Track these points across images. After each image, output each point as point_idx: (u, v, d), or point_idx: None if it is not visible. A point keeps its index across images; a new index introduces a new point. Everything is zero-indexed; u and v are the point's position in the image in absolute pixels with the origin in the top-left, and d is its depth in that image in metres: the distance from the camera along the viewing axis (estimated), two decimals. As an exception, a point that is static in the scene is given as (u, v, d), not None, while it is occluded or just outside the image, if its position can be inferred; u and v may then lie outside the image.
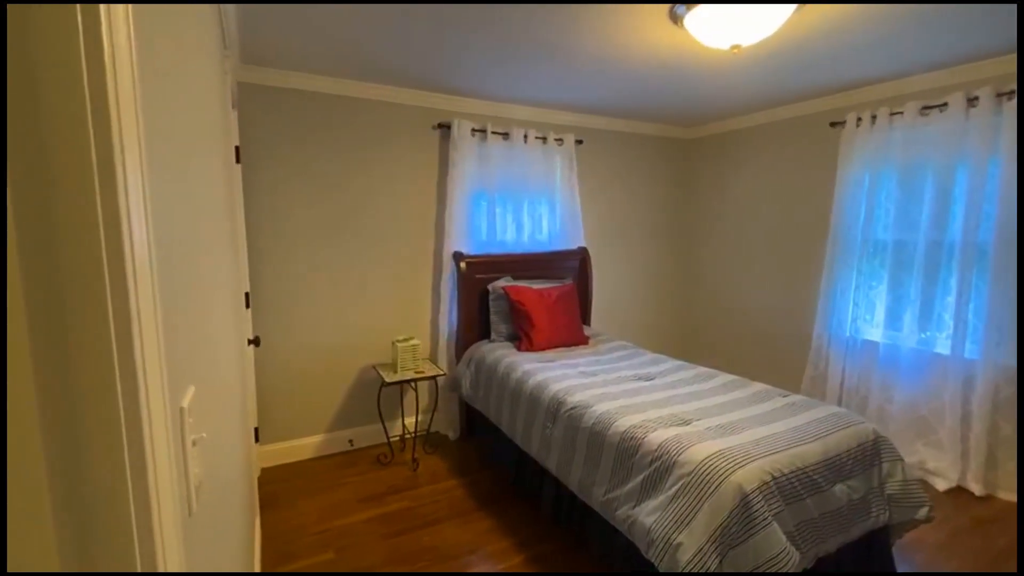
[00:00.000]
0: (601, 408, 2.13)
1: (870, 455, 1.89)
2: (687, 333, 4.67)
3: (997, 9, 2.06)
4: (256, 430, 2.86)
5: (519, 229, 3.67)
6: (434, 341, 3.47)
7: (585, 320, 3.80)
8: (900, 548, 2.14)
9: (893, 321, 3.12)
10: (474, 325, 3.37)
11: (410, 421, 3.41)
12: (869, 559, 1.90)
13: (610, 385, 2.43)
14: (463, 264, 3.30)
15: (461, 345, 3.35)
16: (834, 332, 3.34)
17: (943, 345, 2.90)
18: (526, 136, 3.55)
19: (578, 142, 3.85)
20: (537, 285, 3.38)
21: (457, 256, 3.32)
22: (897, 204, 3.05)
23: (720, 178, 4.27)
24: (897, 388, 3.05)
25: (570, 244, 3.81)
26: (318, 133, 3.00)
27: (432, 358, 3.46)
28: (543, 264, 3.63)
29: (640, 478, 1.79)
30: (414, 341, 3.07)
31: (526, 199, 3.67)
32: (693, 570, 1.49)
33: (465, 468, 3.01)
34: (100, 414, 0.43)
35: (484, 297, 3.38)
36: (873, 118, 3.07)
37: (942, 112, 2.79)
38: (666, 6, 2.00)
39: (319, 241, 3.07)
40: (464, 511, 2.55)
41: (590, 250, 3.99)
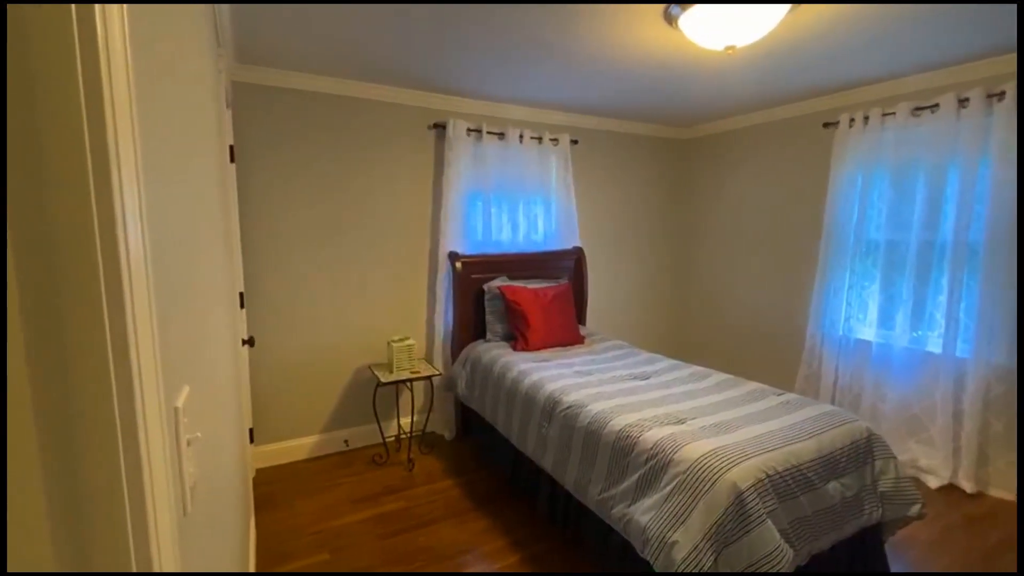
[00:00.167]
0: (596, 407, 2.14)
1: (863, 453, 1.91)
2: (682, 332, 4.69)
3: (988, 10, 2.08)
4: (251, 431, 2.85)
5: (515, 229, 3.67)
6: (430, 341, 3.47)
7: (580, 320, 3.81)
8: (893, 545, 2.15)
9: (886, 320, 3.14)
10: (470, 325, 3.37)
11: (406, 421, 3.40)
12: (862, 556, 1.91)
13: (605, 384, 2.43)
14: (459, 264, 3.30)
15: (457, 345, 3.35)
16: (827, 331, 3.37)
17: (935, 344, 2.92)
18: (521, 136, 3.55)
19: (573, 142, 3.86)
20: (533, 285, 3.39)
21: (453, 256, 3.32)
22: (889, 204, 3.08)
23: (715, 178, 4.29)
24: (890, 386, 3.07)
25: (565, 244, 3.81)
26: (312, 133, 2.99)
27: (428, 358, 3.46)
28: (539, 264, 3.63)
29: (635, 477, 1.80)
30: (410, 341, 3.06)
31: (522, 199, 3.67)
32: (688, 567, 1.49)
33: (461, 468, 3.01)
34: (95, 413, 0.43)
35: (480, 297, 3.38)
36: (866, 119, 3.10)
37: (933, 113, 2.82)
38: (661, 7, 2.01)
39: (314, 241, 3.06)
40: (460, 511, 2.54)
41: (585, 250, 4.00)
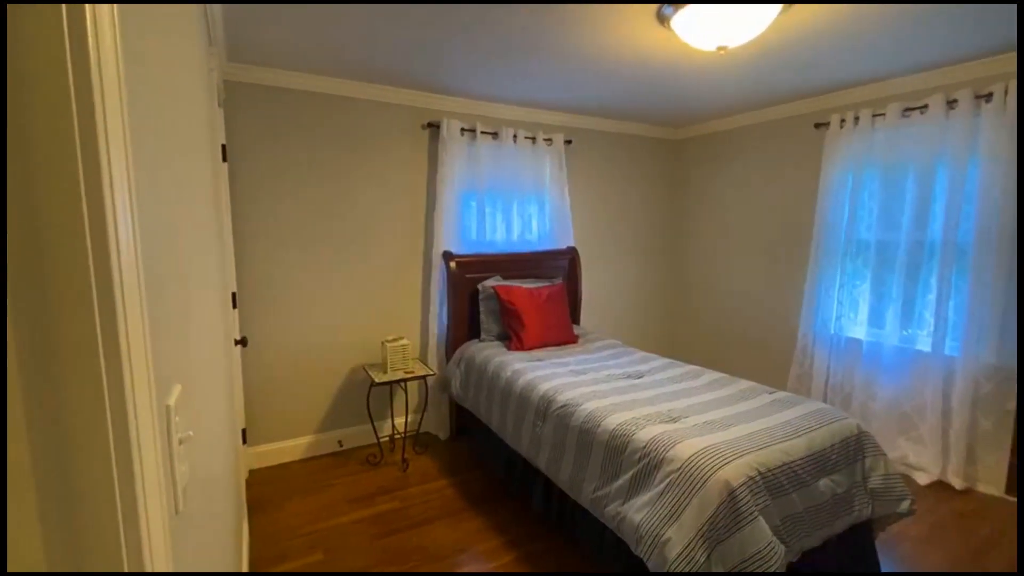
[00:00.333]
0: (590, 406, 2.14)
1: (853, 450, 1.92)
2: (675, 331, 4.71)
3: (977, 12, 2.10)
4: (244, 431, 2.83)
5: (509, 229, 3.68)
6: (424, 341, 3.47)
7: (574, 319, 3.81)
8: (883, 541, 2.17)
9: (876, 319, 3.17)
10: (464, 325, 3.37)
11: (400, 421, 3.40)
12: (853, 552, 1.93)
13: (599, 383, 2.44)
14: (453, 264, 3.30)
15: (451, 345, 3.35)
16: (819, 330, 3.40)
17: (924, 342, 2.95)
18: (515, 136, 3.55)
19: (567, 142, 3.86)
20: (527, 284, 3.39)
21: (447, 256, 3.32)
22: (880, 204, 3.10)
23: (707, 178, 4.31)
24: (880, 385, 3.10)
25: (559, 244, 3.82)
26: (305, 132, 2.98)
27: (422, 358, 3.45)
28: (533, 264, 3.64)
29: (629, 475, 1.81)
30: (404, 341, 3.06)
31: (516, 199, 3.68)
32: (681, 565, 1.50)
33: (455, 468, 3.01)
34: (86, 411, 0.43)
35: (474, 297, 3.38)
36: (856, 119, 3.13)
37: (923, 114, 2.85)
38: (653, 7, 2.02)
39: (307, 241, 3.05)
40: (454, 511, 2.54)
41: (579, 250, 4.01)
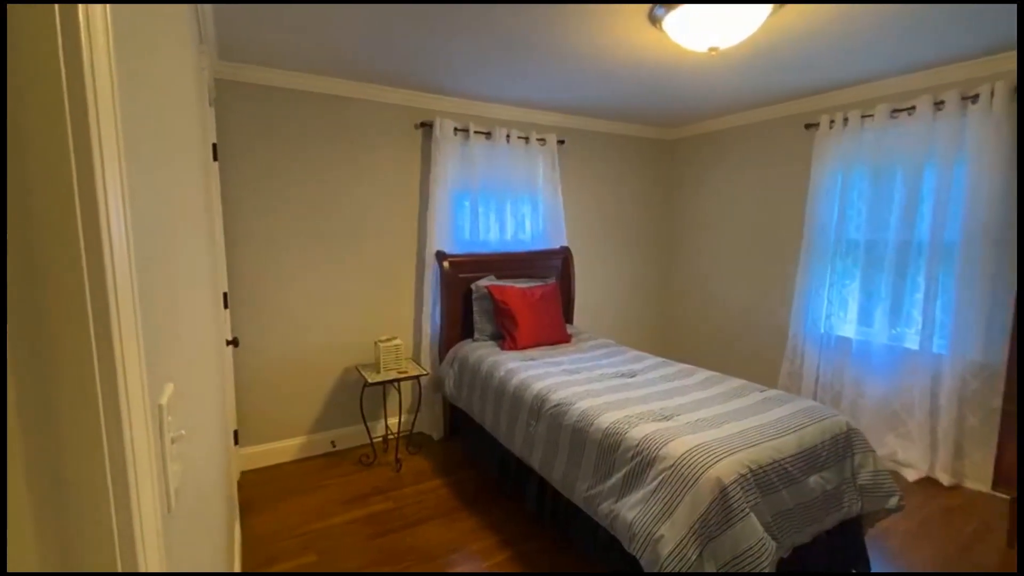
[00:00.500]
0: (584, 405, 2.15)
1: (843, 447, 1.95)
2: (668, 331, 4.74)
3: (964, 14, 2.13)
4: (236, 433, 2.81)
5: (502, 228, 3.68)
6: (417, 341, 3.46)
7: (568, 319, 3.82)
8: (872, 537, 2.20)
9: (865, 318, 3.21)
10: (457, 324, 3.37)
11: (393, 422, 3.39)
12: (842, 548, 1.95)
13: (593, 382, 2.45)
14: (446, 263, 3.29)
15: (444, 345, 3.35)
16: (809, 329, 3.43)
17: (912, 341, 2.99)
18: (508, 136, 3.56)
19: (560, 142, 3.87)
20: (520, 284, 3.40)
21: (440, 255, 3.31)
22: (868, 204, 3.14)
23: (699, 178, 4.34)
24: (869, 382, 3.14)
25: (552, 243, 3.83)
26: (297, 131, 2.96)
27: (415, 358, 3.45)
28: (526, 263, 3.64)
29: (622, 473, 1.82)
30: (397, 341, 3.05)
31: (509, 199, 3.68)
32: (674, 561, 1.51)
33: (449, 468, 3.01)
34: (79, 408, 0.42)
35: (467, 296, 3.38)
36: (845, 120, 3.16)
37: (910, 115, 2.88)
38: (645, 8, 2.03)
39: (298, 240, 3.03)
40: (448, 510, 2.54)
41: (572, 249, 4.02)
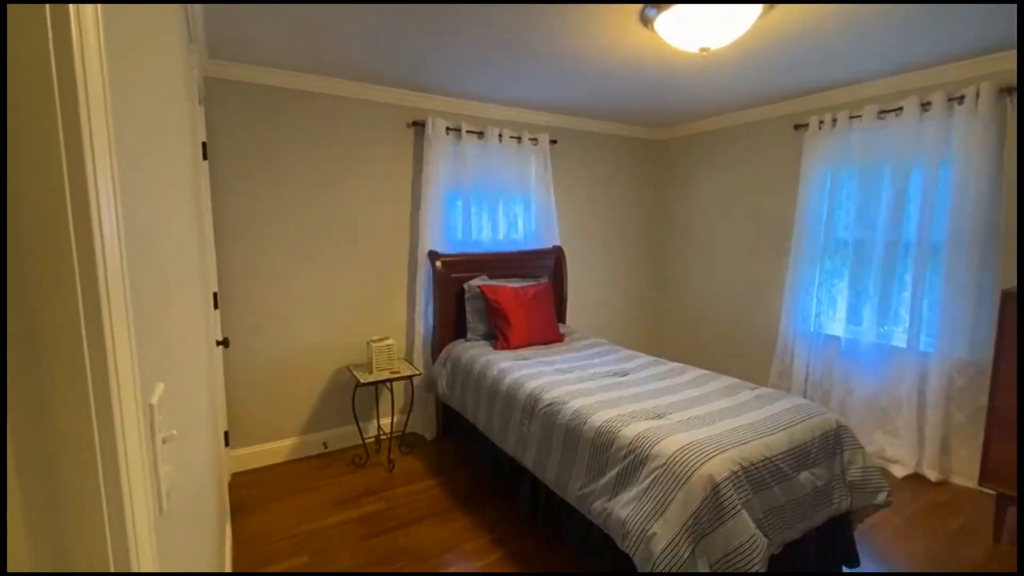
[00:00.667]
0: (577, 404, 2.16)
1: (833, 444, 1.97)
2: (659, 329, 4.76)
3: (950, 16, 2.16)
4: (226, 434, 2.79)
5: (495, 228, 3.68)
6: (410, 341, 3.45)
7: (560, 318, 3.83)
8: (861, 532, 2.23)
9: (854, 316, 3.25)
10: (450, 324, 3.36)
11: (386, 422, 3.38)
12: (832, 544, 1.98)
13: (585, 381, 2.46)
14: (439, 263, 3.29)
15: (437, 344, 3.34)
16: (799, 327, 3.46)
17: (900, 339, 3.03)
18: (501, 135, 3.56)
19: (552, 142, 3.88)
20: (513, 284, 3.40)
21: (432, 255, 3.31)
22: (857, 204, 3.18)
23: (690, 178, 4.37)
24: (858, 380, 3.18)
25: (545, 243, 3.83)
26: (288, 130, 2.94)
27: (408, 358, 3.44)
28: (519, 263, 3.64)
29: (615, 471, 1.83)
30: (389, 341, 3.04)
31: (501, 198, 3.68)
32: (667, 558, 1.52)
33: (442, 468, 3.00)
34: (71, 409, 0.42)
35: (460, 296, 3.37)
36: (834, 121, 3.20)
37: (898, 116, 2.92)
38: (637, 8, 2.04)
39: (290, 239, 3.01)
40: (441, 510, 2.54)
41: (565, 249, 4.03)
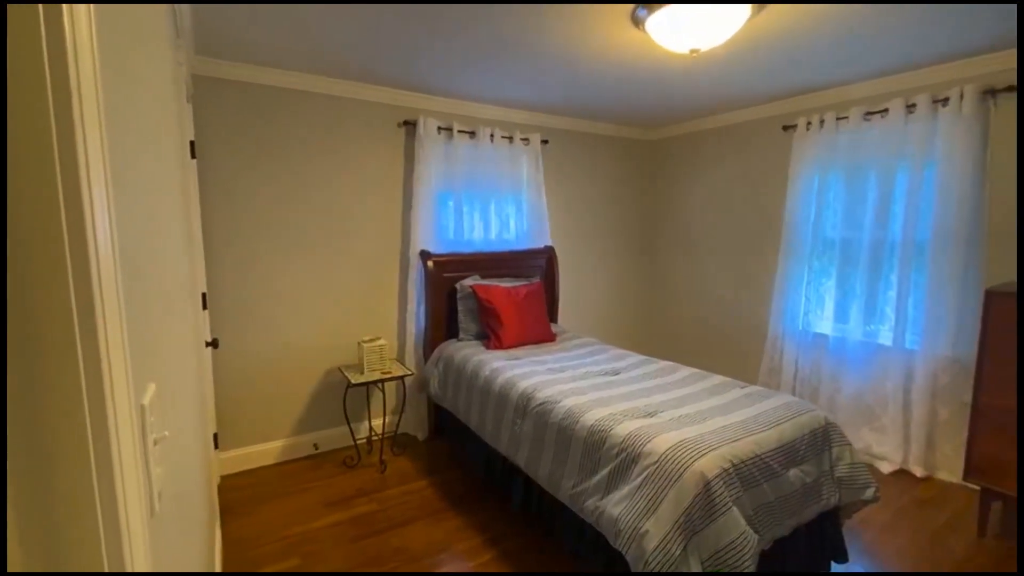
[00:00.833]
0: (569, 403, 2.17)
1: (821, 441, 2.00)
2: (650, 329, 4.79)
3: (937, 19, 2.20)
4: (215, 436, 2.76)
5: (486, 228, 3.68)
6: (401, 341, 3.44)
7: (552, 318, 3.84)
8: (849, 528, 2.26)
9: (841, 315, 3.29)
10: (442, 324, 3.36)
11: (377, 423, 3.36)
12: (821, 539, 2.00)
13: (578, 381, 2.47)
14: (430, 263, 3.28)
15: (429, 345, 3.33)
16: (787, 326, 3.50)
17: (886, 337, 3.08)
18: (492, 135, 3.56)
19: (544, 142, 3.89)
20: (505, 283, 3.40)
21: (424, 255, 3.30)
22: (844, 204, 3.23)
23: (681, 178, 4.40)
24: (845, 377, 3.22)
25: (537, 243, 3.84)
26: (278, 129, 2.92)
27: (399, 358, 3.42)
28: (511, 263, 3.65)
29: (607, 470, 1.83)
30: (381, 341, 3.03)
31: (493, 198, 3.68)
32: (659, 555, 1.53)
33: (434, 468, 2.99)
34: (65, 409, 0.42)
35: (452, 296, 3.37)
36: (822, 122, 3.24)
37: (883, 117, 2.97)
38: (628, 8, 2.05)
39: (279, 239, 2.98)
40: (433, 511, 2.53)
41: (556, 249, 4.04)
